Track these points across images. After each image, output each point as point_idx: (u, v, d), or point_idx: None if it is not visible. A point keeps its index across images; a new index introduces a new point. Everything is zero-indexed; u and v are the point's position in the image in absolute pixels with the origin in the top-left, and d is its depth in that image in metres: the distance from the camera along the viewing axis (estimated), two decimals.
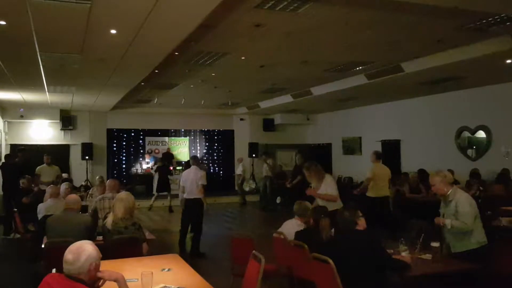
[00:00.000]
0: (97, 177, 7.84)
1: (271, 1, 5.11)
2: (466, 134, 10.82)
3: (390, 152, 12.93)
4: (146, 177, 15.21)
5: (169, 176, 13.57)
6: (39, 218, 6.16)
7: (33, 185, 9.09)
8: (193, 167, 7.74)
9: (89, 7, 4.66)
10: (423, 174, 10.22)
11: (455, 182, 8.67)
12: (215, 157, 17.33)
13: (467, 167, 9.94)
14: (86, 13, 4.84)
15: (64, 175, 11.90)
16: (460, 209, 4.10)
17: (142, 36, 5.75)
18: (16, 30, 5.56)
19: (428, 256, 4.07)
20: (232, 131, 17.27)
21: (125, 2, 4.61)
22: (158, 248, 5.91)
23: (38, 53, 6.67)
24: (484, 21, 5.90)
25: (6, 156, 10.21)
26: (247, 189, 15.26)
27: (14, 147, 13.47)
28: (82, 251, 2.54)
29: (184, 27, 5.49)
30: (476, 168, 9.78)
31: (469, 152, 10.76)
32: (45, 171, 10.14)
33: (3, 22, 5.18)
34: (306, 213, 5.09)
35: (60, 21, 5.21)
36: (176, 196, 9.54)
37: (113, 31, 5.58)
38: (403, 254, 4.06)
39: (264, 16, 5.67)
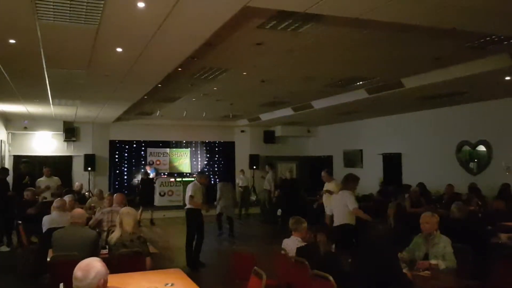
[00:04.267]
0: (107, 194, 7.88)
1: (273, 21, 5.24)
2: (467, 148, 10.86)
3: (391, 166, 13.00)
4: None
5: None
6: (43, 231, 6.19)
7: (37, 197, 9.18)
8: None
9: (96, 27, 4.80)
10: (424, 188, 10.30)
11: (456, 196, 8.75)
12: (216, 169, 17.41)
13: (468, 181, 9.97)
14: (93, 33, 4.98)
15: (77, 184, 12.04)
16: (448, 250, 4.44)
17: (146, 54, 5.90)
18: (25, 48, 5.70)
19: (426, 273, 4.13)
20: (233, 143, 17.38)
21: (131, 23, 4.75)
22: (158, 261, 5.96)
23: (45, 69, 6.81)
24: (483, 40, 6.03)
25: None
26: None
27: (17, 159, 13.62)
28: (91, 268, 2.63)
29: (188, 46, 5.63)
30: (474, 182, 9.79)
31: (470, 165, 10.77)
32: (44, 183, 10.27)
33: (13, 41, 5.32)
34: (300, 226, 5.14)
35: (68, 40, 5.36)
36: None
37: (119, 49, 5.72)
38: (403, 270, 4.09)
39: (265, 35, 5.81)
